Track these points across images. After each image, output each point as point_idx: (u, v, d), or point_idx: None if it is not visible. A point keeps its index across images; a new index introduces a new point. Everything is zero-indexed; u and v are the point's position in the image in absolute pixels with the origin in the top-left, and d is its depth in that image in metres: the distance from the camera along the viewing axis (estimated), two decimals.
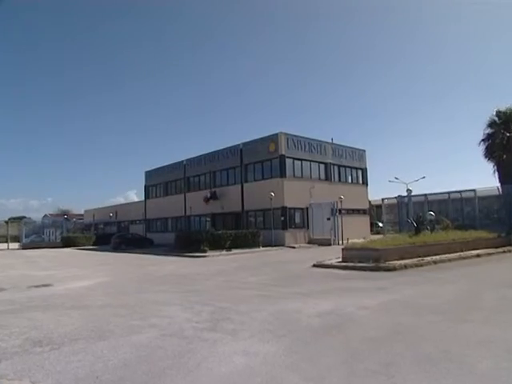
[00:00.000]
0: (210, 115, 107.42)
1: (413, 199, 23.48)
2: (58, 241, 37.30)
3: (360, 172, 32.30)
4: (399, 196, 24.68)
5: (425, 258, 11.92)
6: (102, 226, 49.79)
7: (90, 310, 6.83)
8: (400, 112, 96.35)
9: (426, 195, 23.43)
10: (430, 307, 6.21)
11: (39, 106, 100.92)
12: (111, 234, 36.17)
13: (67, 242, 35.66)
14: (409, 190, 23.83)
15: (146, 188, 40.99)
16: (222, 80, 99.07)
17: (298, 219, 26.84)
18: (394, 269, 10.71)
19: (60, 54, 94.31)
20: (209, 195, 30.46)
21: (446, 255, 12.78)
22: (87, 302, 7.67)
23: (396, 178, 41.35)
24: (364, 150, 32.88)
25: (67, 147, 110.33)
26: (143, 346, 4.60)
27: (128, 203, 49.16)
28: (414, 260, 11.66)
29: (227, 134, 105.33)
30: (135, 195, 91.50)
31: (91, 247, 33.55)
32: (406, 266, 10.99)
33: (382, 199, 27.62)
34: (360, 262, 11.73)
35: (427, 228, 16.26)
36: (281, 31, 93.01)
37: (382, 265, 11.05)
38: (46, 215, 64.74)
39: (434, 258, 12.18)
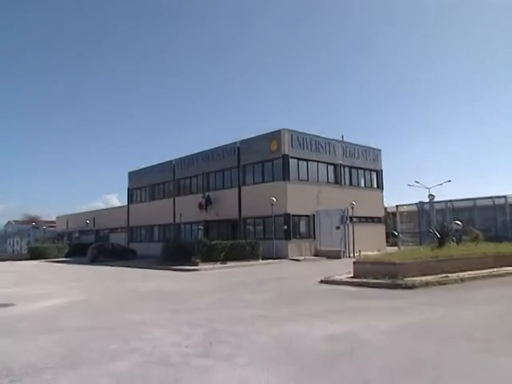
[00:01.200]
0: (204, 109, 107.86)
1: (435, 206, 23.47)
2: (25, 252, 37.19)
3: (374, 174, 32.32)
4: (420, 202, 24.71)
5: (450, 275, 11.85)
6: (77, 234, 49.74)
7: (60, 333, 6.74)
8: (417, 108, 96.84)
9: (451, 201, 23.40)
10: (459, 333, 6.09)
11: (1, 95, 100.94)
12: (88, 243, 36.17)
13: (35, 254, 35.48)
14: (431, 196, 23.86)
15: (130, 191, 40.98)
16: (218, 70, 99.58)
17: (303, 228, 26.83)
18: (413, 286, 10.69)
19: (33, 37, 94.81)
20: (202, 200, 30.41)
21: (476, 272, 12.66)
22: (57, 324, 7.58)
23: (416, 182, 41.33)
24: (379, 150, 32.97)
25: (36, 142, 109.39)
26: (123, 376, 4.52)
27: (108, 209, 49.20)
28: (438, 277, 11.59)
29: (223, 131, 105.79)
30: (117, 199, 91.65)
31: (64, 259, 33.49)
32: (427, 284, 10.95)
33: (397, 206, 27.58)
34: (374, 278, 11.72)
35: (453, 239, 16.21)
36: (286, 17, 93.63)
37: (399, 282, 11.02)
38: (9, 222, 64.38)
39: (461, 274, 12.09)
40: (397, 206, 27.42)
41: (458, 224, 17.83)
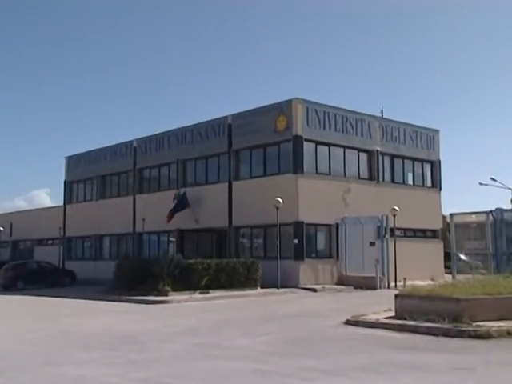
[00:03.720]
0: (180, 64, 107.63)
1: None
2: None
3: (428, 167, 32.61)
4: (497, 209, 24.50)
5: None
6: None
7: None
8: (493, 73, 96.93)
9: None
10: None
11: None
12: (0, 262, 35.94)
13: None
14: None
15: (68, 185, 41.20)
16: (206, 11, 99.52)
17: (321, 243, 27.05)
18: (487, 336, 10.57)
19: None
20: (174, 200, 30.26)
21: None
22: None
23: (492, 180, 41.18)
24: (437, 131, 33.29)
25: None
26: None
27: (33, 210, 49.45)
28: None
29: (208, 98, 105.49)
30: (47, 197, 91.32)
31: None
32: (509, 333, 10.82)
33: (451, 214, 27.37)
34: (427, 320, 11.70)
35: None
36: None
37: (465, 327, 10.94)
38: None
39: None
40: (451, 215, 27.11)
41: None
